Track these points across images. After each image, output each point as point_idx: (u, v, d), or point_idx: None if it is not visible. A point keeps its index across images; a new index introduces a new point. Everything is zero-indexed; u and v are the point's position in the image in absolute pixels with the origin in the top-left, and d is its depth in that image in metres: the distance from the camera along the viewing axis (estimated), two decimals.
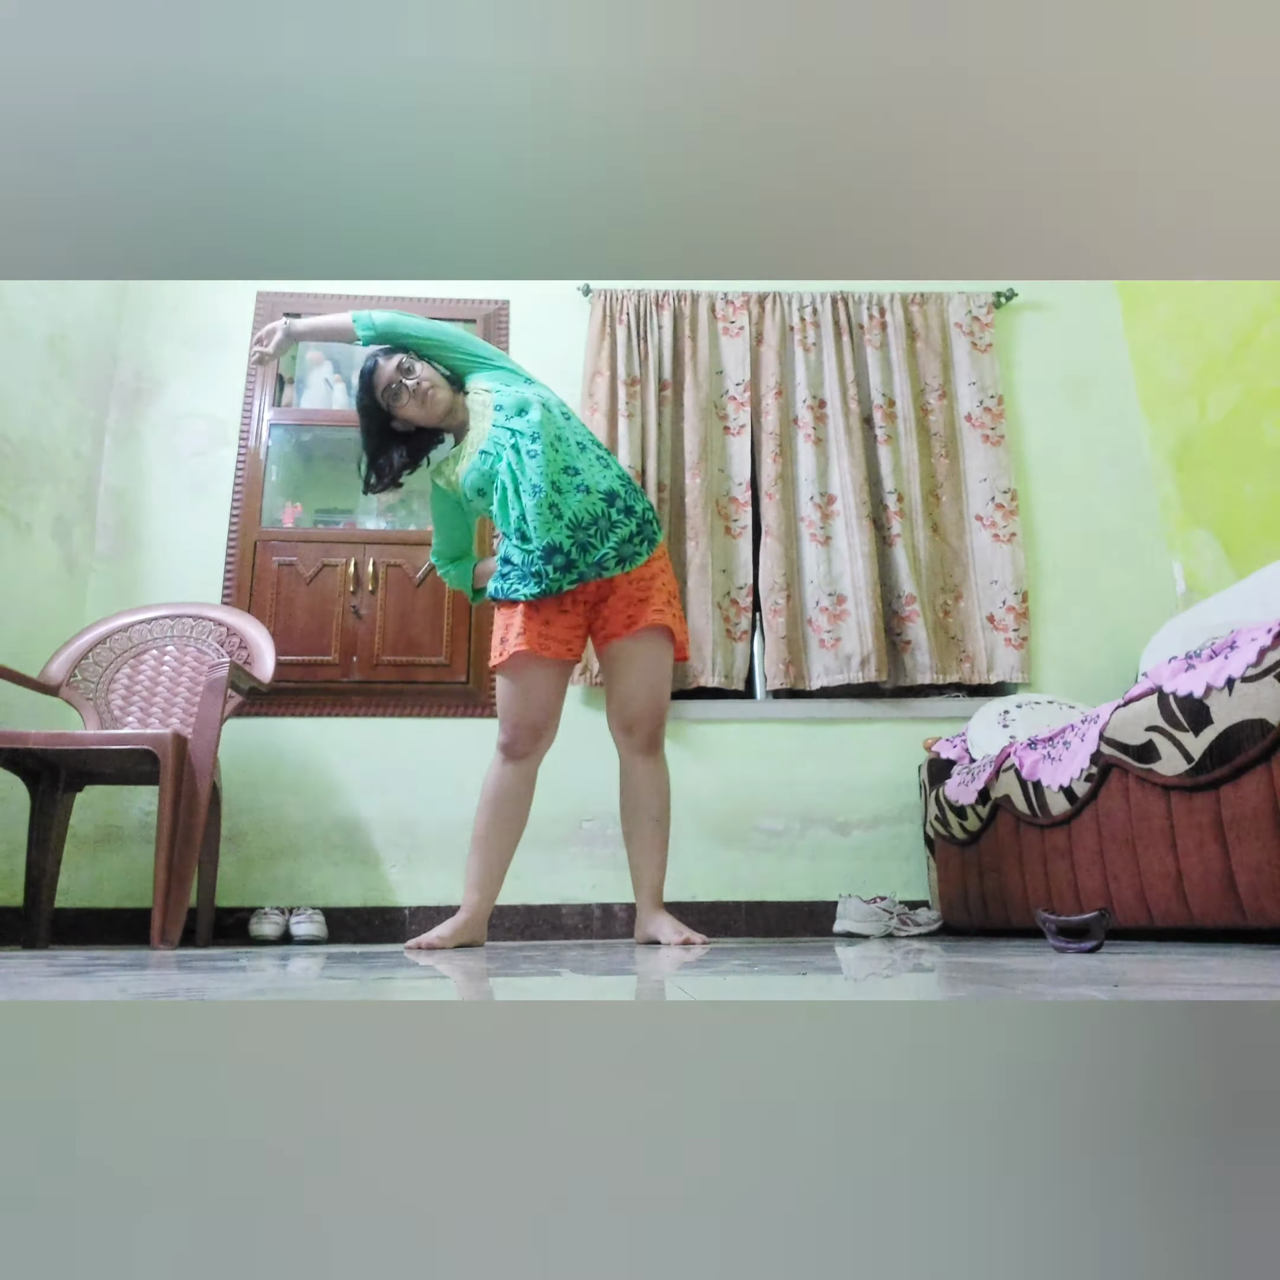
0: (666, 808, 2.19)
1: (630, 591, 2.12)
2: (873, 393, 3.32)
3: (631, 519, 2.11)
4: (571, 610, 2.13)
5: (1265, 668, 1.47)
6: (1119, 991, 0.75)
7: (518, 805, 2.15)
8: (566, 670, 2.16)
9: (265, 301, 3.45)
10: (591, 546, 2.06)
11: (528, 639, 2.07)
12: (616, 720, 2.17)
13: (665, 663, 2.15)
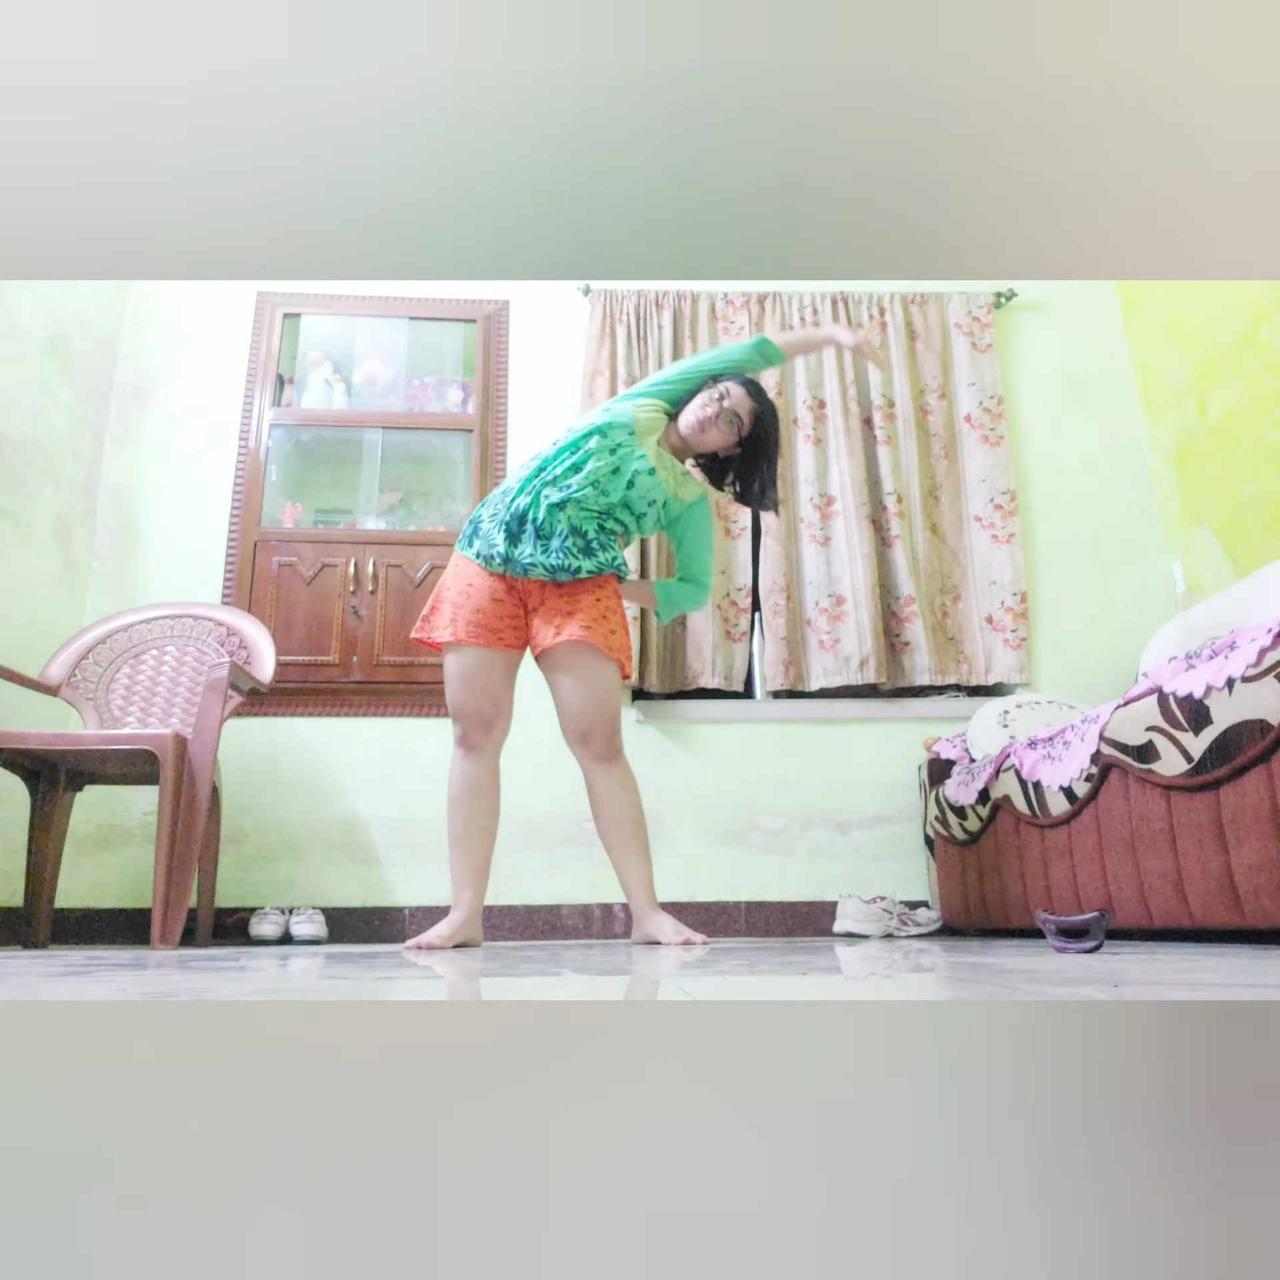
0: (639, 808, 2.18)
1: (558, 604, 2.13)
2: (872, 393, 3.32)
3: (581, 558, 2.12)
4: (505, 599, 2.15)
5: (1265, 668, 1.47)
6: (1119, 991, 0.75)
7: (486, 798, 2.15)
8: (506, 659, 2.17)
9: (265, 301, 3.45)
10: (533, 546, 2.09)
11: (455, 629, 2.12)
12: (569, 732, 2.16)
13: (601, 673, 2.12)
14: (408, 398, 3.44)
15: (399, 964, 1.38)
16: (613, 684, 2.14)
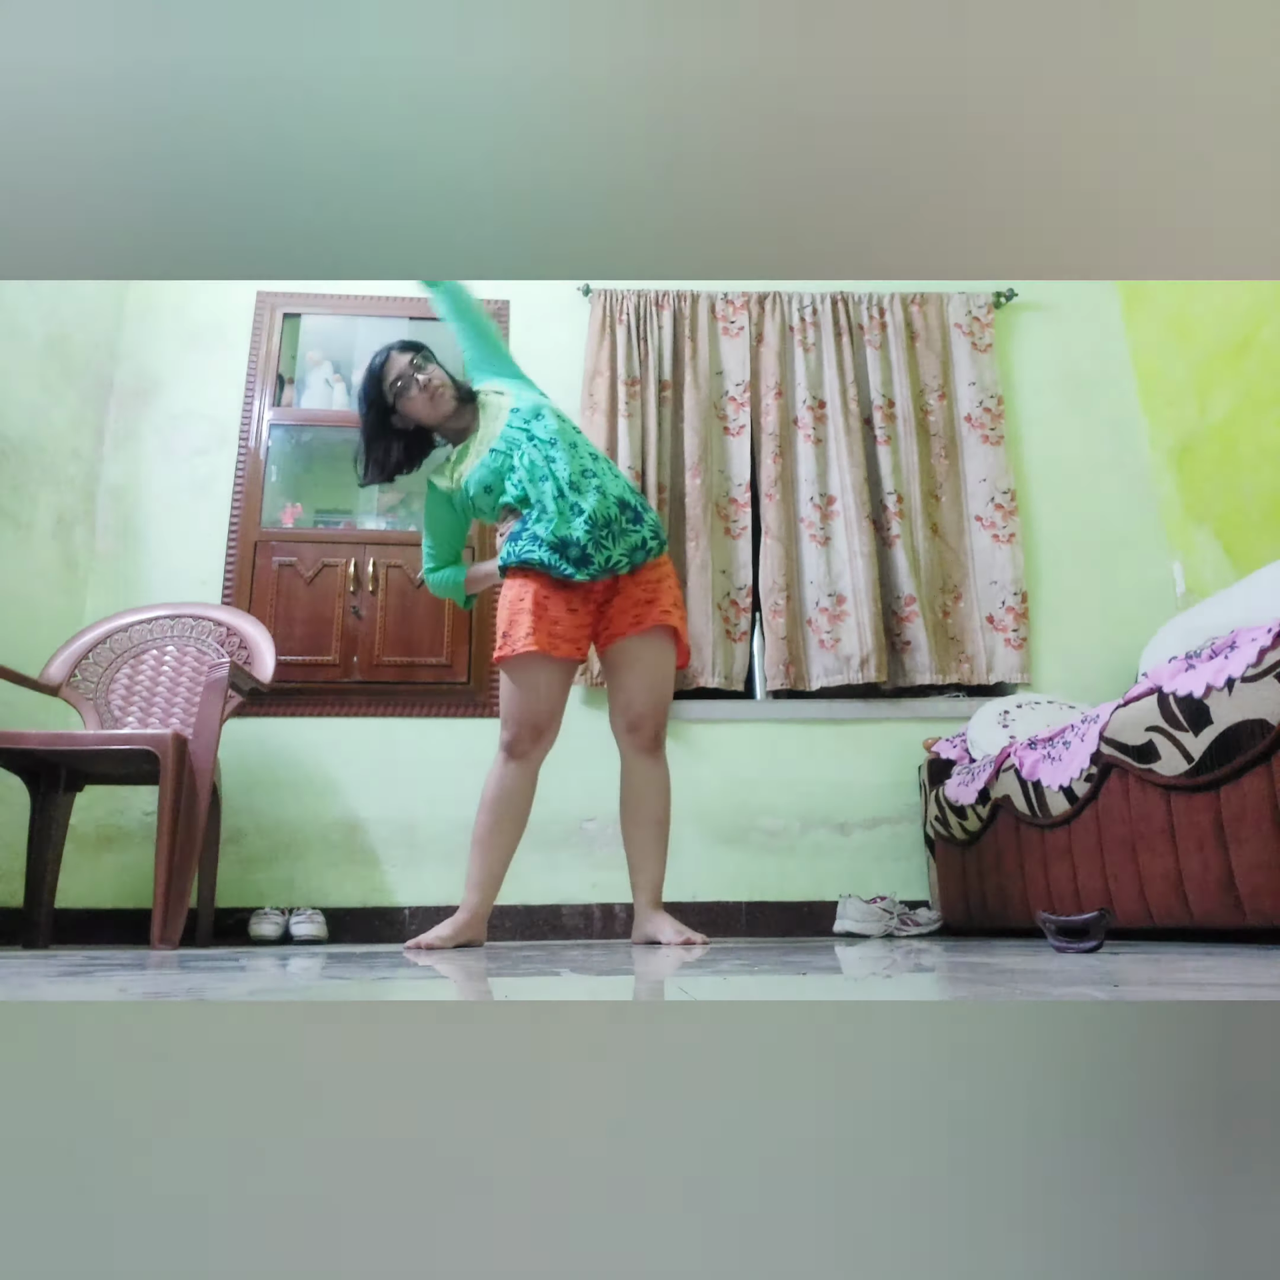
0: (668, 809, 2.20)
1: (637, 593, 2.15)
2: (872, 393, 3.32)
3: (641, 527, 2.15)
4: (580, 610, 2.14)
5: (1265, 668, 1.47)
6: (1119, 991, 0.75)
7: (518, 806, 2.15)
8: (572, 670, 2.17)
9: (265, 301, 3.45)
10: (604, 546, 2.09)
11: (537, 639, 2.06)
12: (621, 719, 2.18)
13: (669, 663, 2.17)
14: None
15: (399, 964, 1.38)
16: (673, 673, 2.20)
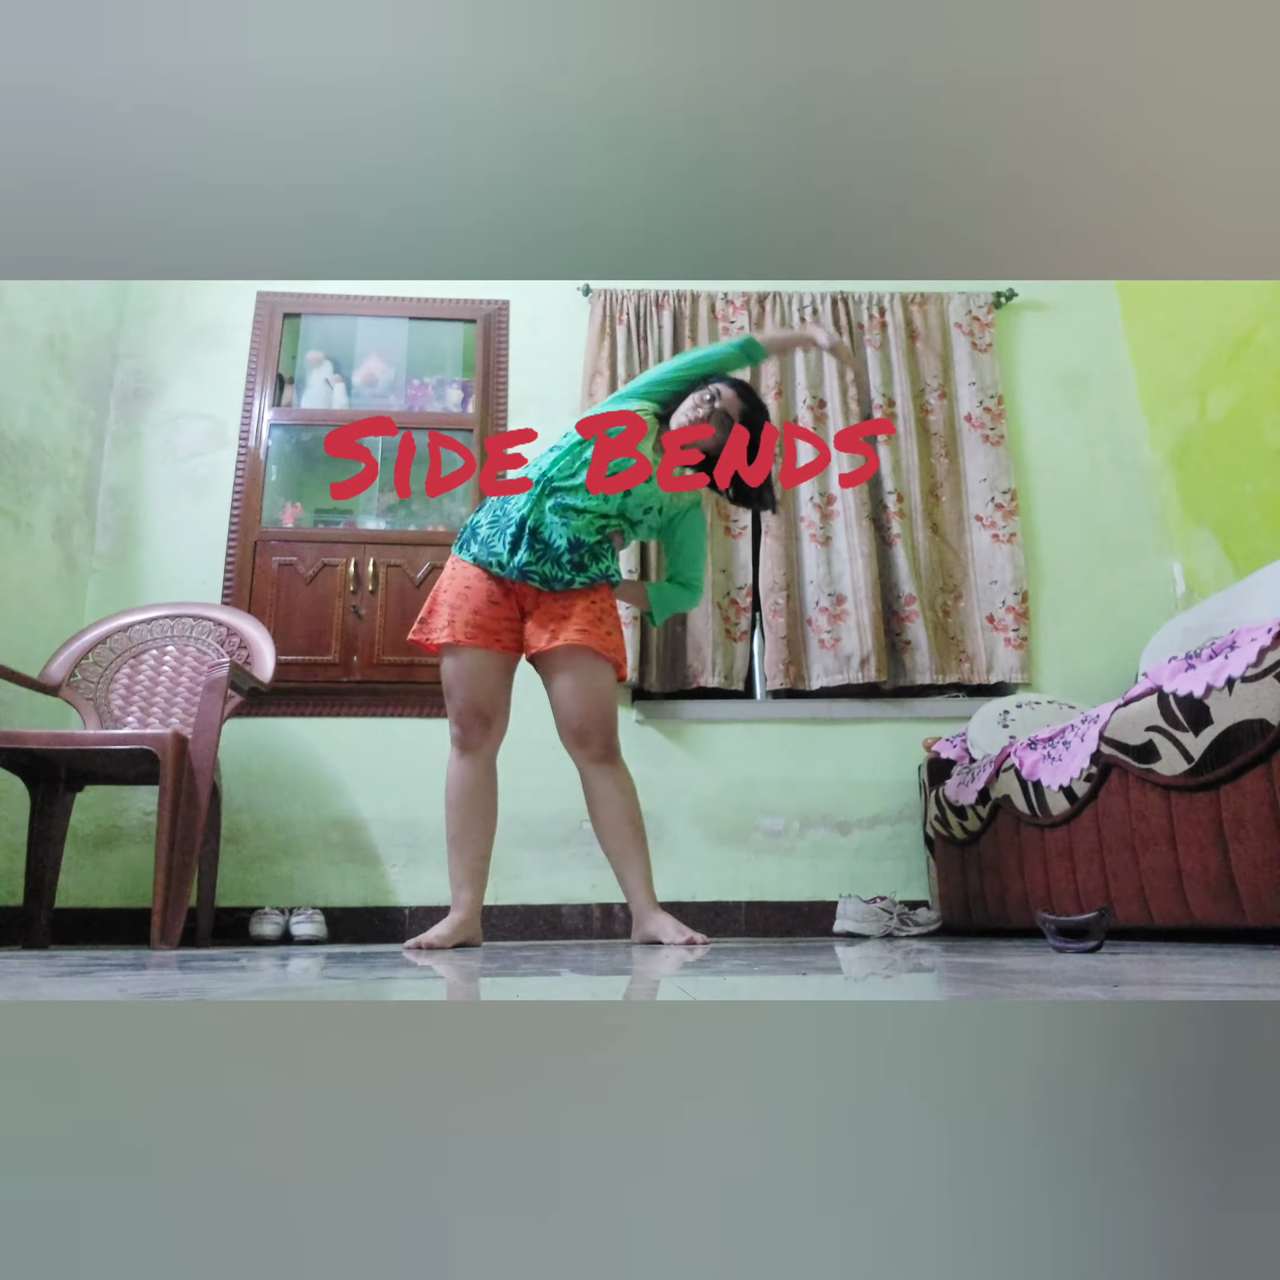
0: (637, 809, 2.18)
1: (553, 608, 2.14)
2: (873, 393, 3.32)
3: (576, 574, 2.13)
4: (503, 602, 2.16)
5: (1265, 668, 1.47)
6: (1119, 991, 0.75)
7: (483, 798, 2.16)
8: (503, 661, 2.18)
9: (265, 301, 3.45)
10: (531, 553, 2.10)
11: (452, 631, 2.13)
12: (566, 735, 2.16)
13: (598, 677, 2.13)
14: (408, 398, 3.44)
15: (399, 964, 1.38)
16: (609, 686, 2.15)
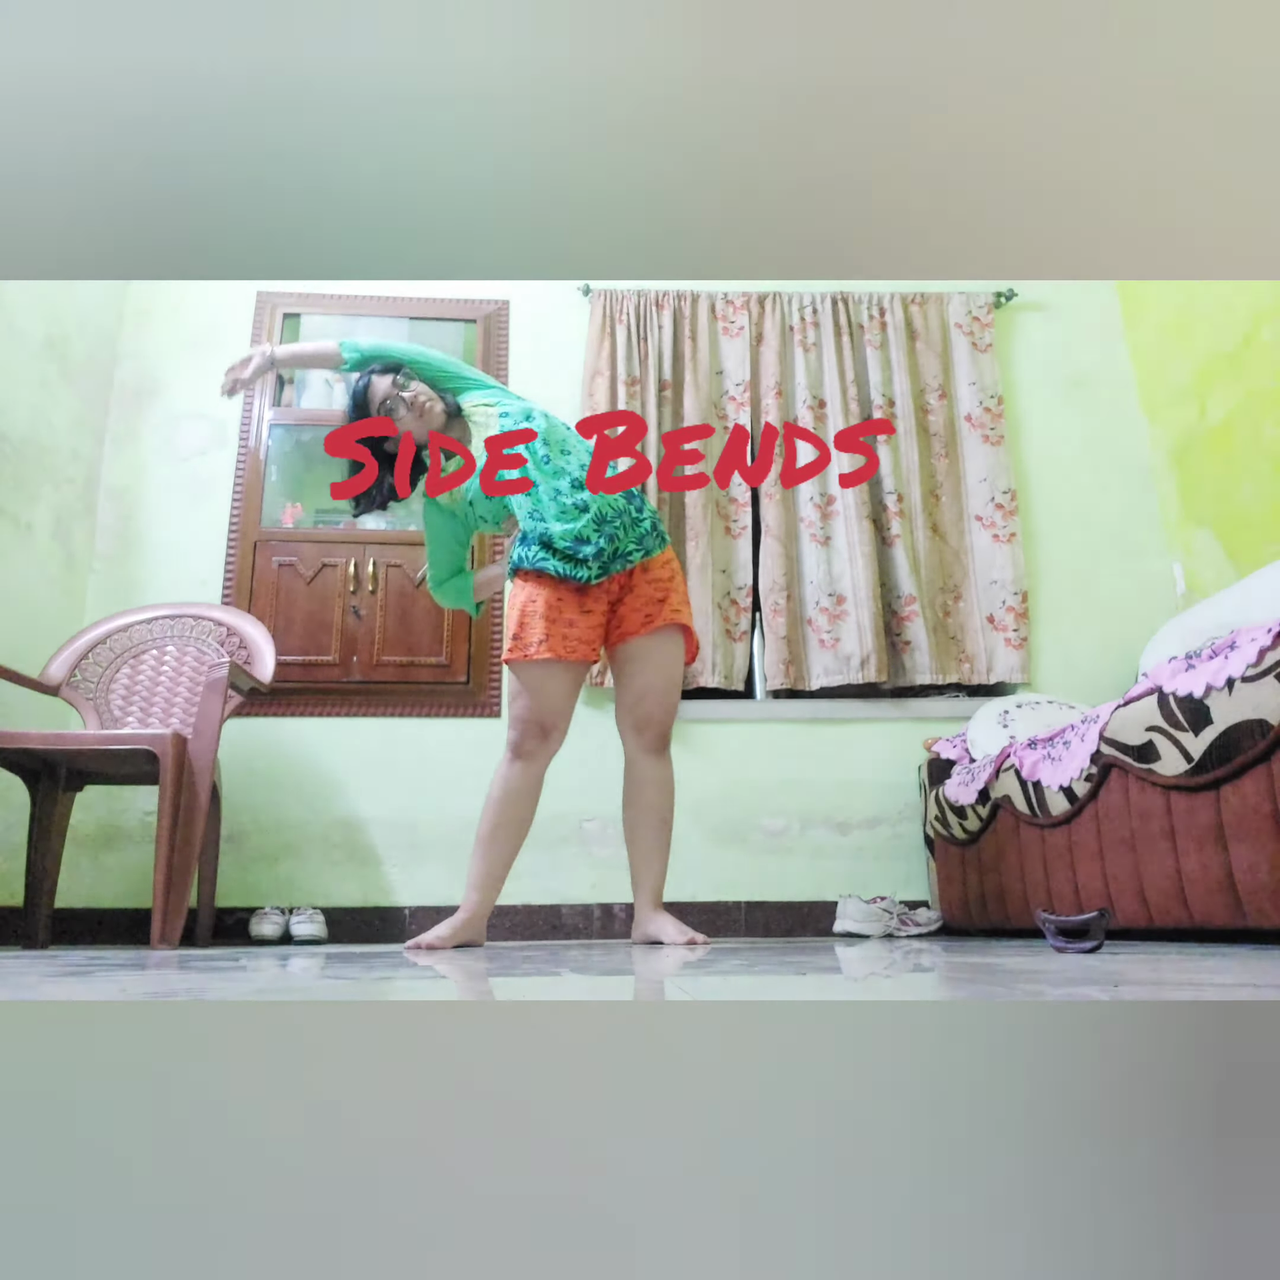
0: (671, 809, 2.20)
1: (649, 591, 2.15)
2: (873, 393, 3.32)
3: (645, 517, 2.16)
4: (594, 610, 2.12)
5: (1265, 668, 1.47)
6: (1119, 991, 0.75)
7: (523, 807, 2.14)
8: (584, 672, 2.16)
9: (265, 301, 3.45)
10: (617, 538, 2.09)
11: (551, 645, 2.05)
12: (628, 718, 2.17)
13: (679, 662, 2.17)
14: None
15: (399, 964, 1.38)
16: (681, 675, 2.20)
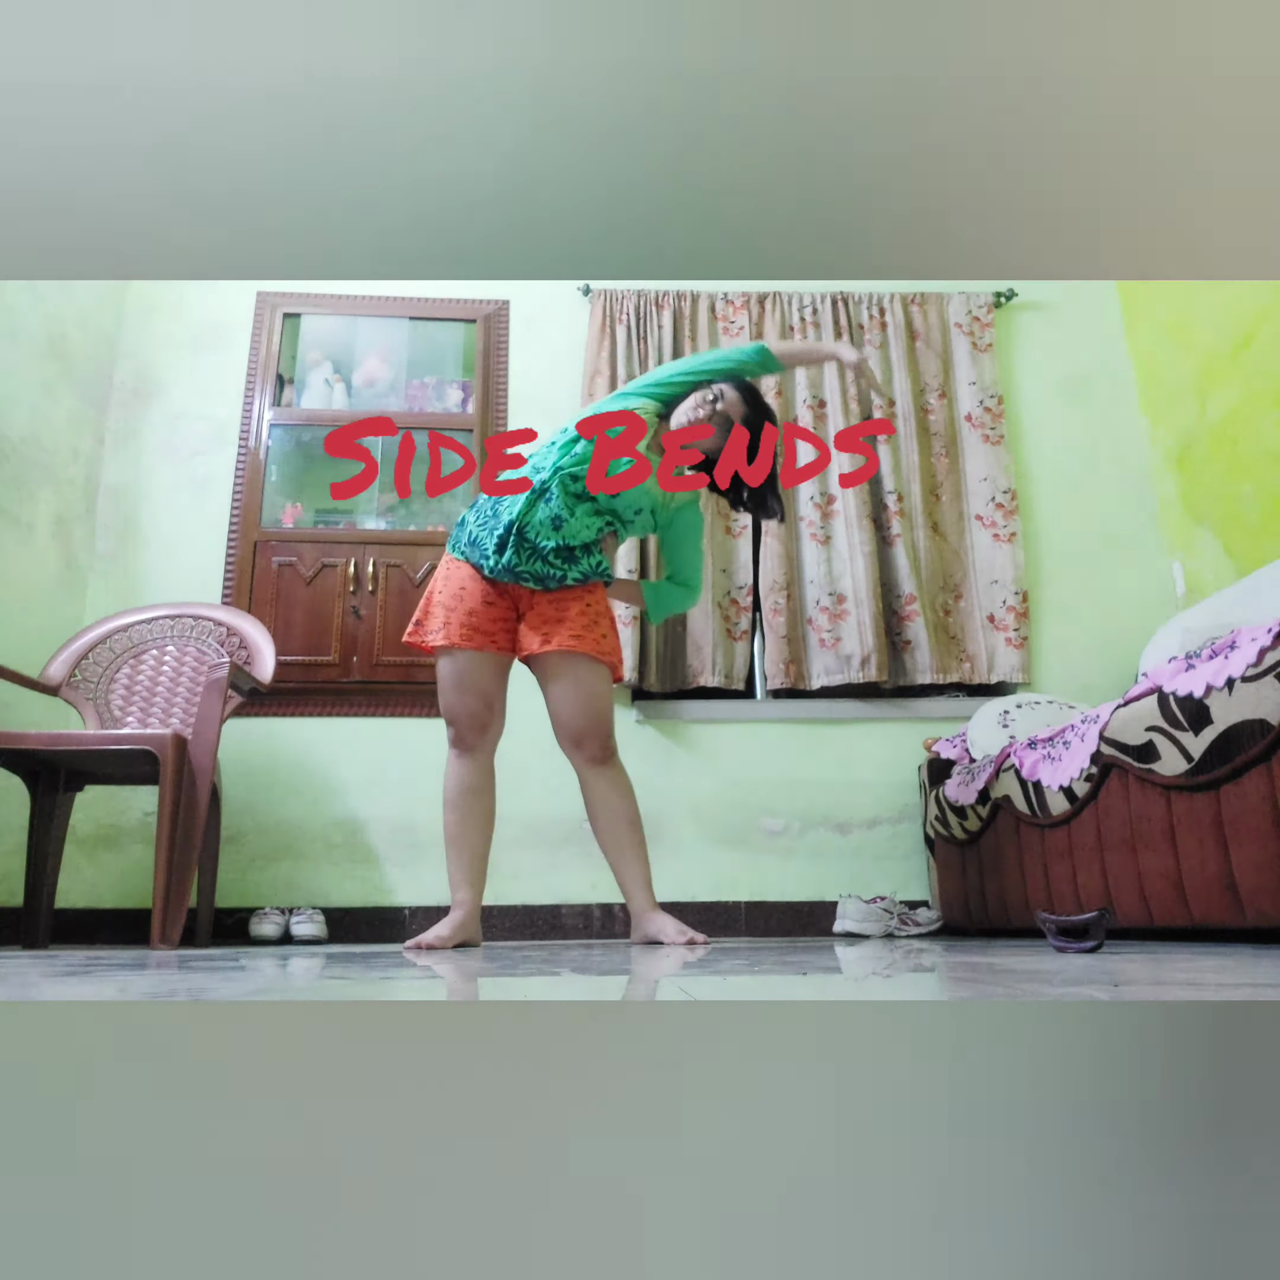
0: (635, 809, 2.18)
1: (547, 610, 2.12)
2: (873, 393, 3.32)
3: (570, 568, 2.11)
4: (498, 603, 2.14)
5: (1265, 668, 1.47)
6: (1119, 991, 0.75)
7: (481, 798, 2.16)
8: (499, 662, 2.16)
9: (265, 301, 3.45)
10: (519, 553, 2.07)
11: (448, 633, 2.10)
12: (562, 736, 2.15)
13: (592, 678, 2.12)
14: (408, 398, 3.44)
15: (399, 964, 1.38)
16: (604, 688, 2.14)
